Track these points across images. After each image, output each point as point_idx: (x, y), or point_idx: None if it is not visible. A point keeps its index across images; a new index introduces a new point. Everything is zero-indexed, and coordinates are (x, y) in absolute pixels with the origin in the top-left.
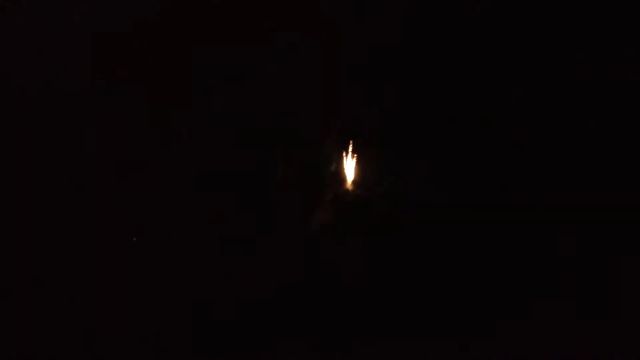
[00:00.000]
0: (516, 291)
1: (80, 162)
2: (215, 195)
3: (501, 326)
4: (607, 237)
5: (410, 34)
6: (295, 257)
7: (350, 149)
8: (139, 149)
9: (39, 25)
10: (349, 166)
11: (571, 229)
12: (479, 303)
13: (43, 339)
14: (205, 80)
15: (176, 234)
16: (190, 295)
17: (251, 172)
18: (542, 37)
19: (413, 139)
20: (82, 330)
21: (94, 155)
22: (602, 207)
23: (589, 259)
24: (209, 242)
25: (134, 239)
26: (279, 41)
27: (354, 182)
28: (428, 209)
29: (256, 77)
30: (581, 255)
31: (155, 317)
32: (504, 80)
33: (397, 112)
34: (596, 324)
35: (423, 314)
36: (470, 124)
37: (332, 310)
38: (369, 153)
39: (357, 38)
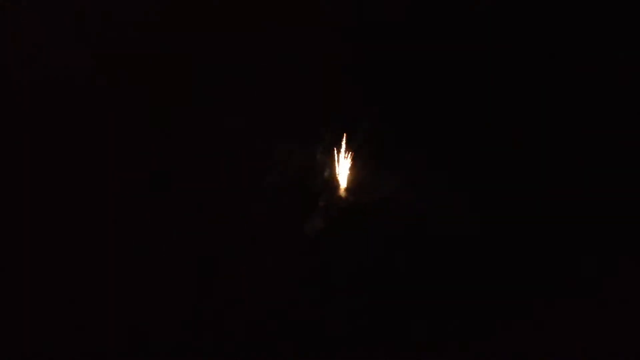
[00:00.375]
0: (516, 291)
1: (80, 162)
2: (210, 199)
3: (501, 326)
4: (607, 237)
5: (410, 34)
6: (289, 261)
7: (345, 152)
8: (139, 149)
9: (39, 25)
10: (344, 170)
11: (570, 229)
12: (478, 303)
13: (43, 339)
14: (204, 80)
15: (176, 235)
16: (189, 295)
17: (245, 176)
18: (542, 38)
19: (411, 142)
20: (82, 330)
21: (94, 154)
22: (602, 208)
23: (588, 259)
24: (204, 244)
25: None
26: (278, 41)
27: (348, 187)
28: (426, 213)
29: (255, 78)
30: (580, 256)
31: (154, 317)
32: (504, 81)
33: (395, 114)
34: (595, 324)
35: (422, 315)
36: (471, 125)
37: (330, 313)
38: (365, 156)
39: (357, 38)
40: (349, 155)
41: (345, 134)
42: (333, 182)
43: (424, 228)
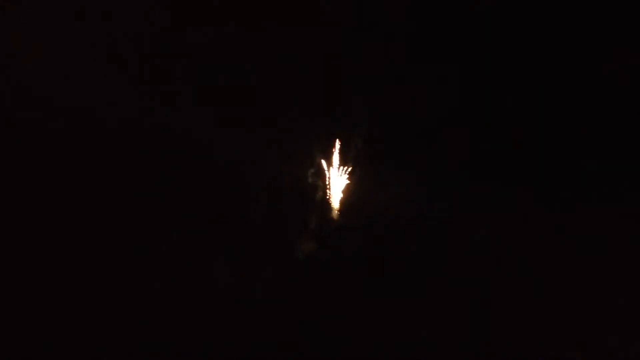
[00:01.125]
0: (515, 300)
1: (80, 162)
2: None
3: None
4: (604, 239)
5: (410, 35)
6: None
7: (339, 168)
8: (139, 150)
9: (39, 25)
10: (336, 189)
11: (575, 232)
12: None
13: (43, 339)
14: (204, 80)
15: (176, 235)
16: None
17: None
18: (542, 38)
19: (410, 151)
20: (82, 330)
21: (94, 154)
22: (600, 209)
23: (585, 262)
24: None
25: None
26: (278, 41)
27: (340, 209)
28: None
29: (256, 79)
30: (578, 258)
31: (154, 317)
32: (504, 82)
33: (393, 120)
34: (594, 324)
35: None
36: (473, 128)
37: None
38: (360, 173)
39: (357, 40)
40: (343, 171)
41: (339, 147)
42: (325, 202)
43: (423, 250)
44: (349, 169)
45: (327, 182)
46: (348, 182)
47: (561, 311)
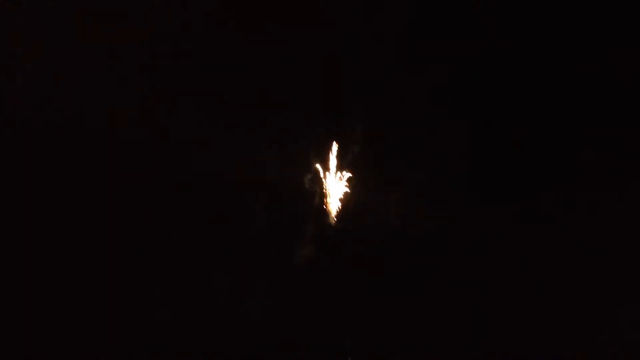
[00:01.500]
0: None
1: (80, 162)
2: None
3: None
4: (604, 239)
5: (410, 35)
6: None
7: (336, 172)
8: (139, 150)
9: (39, 25)
10: (335, 194)
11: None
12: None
13: (43, 339)
14: (205, 80)
15: (176, 236)
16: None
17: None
18: (542, 38)
19: (410, 154)
20: (82, 331)
21: (94, 154)
22: (600, 209)
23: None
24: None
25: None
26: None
27: (338, 212)
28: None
29: (255, 79)
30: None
31: (154, 318)
32: (504, 85)
33: (391, 126)
34: (594, 324)
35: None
36: (475, 130)
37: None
38: (359, 177)
39: (357, 38)
40: (341, 175)
41: (337, 149)
42: (323, 207)
43: (422, 250)
44: (347, 173)
45: (324, 187)
46: (346, 184)
47: (561, 311)
